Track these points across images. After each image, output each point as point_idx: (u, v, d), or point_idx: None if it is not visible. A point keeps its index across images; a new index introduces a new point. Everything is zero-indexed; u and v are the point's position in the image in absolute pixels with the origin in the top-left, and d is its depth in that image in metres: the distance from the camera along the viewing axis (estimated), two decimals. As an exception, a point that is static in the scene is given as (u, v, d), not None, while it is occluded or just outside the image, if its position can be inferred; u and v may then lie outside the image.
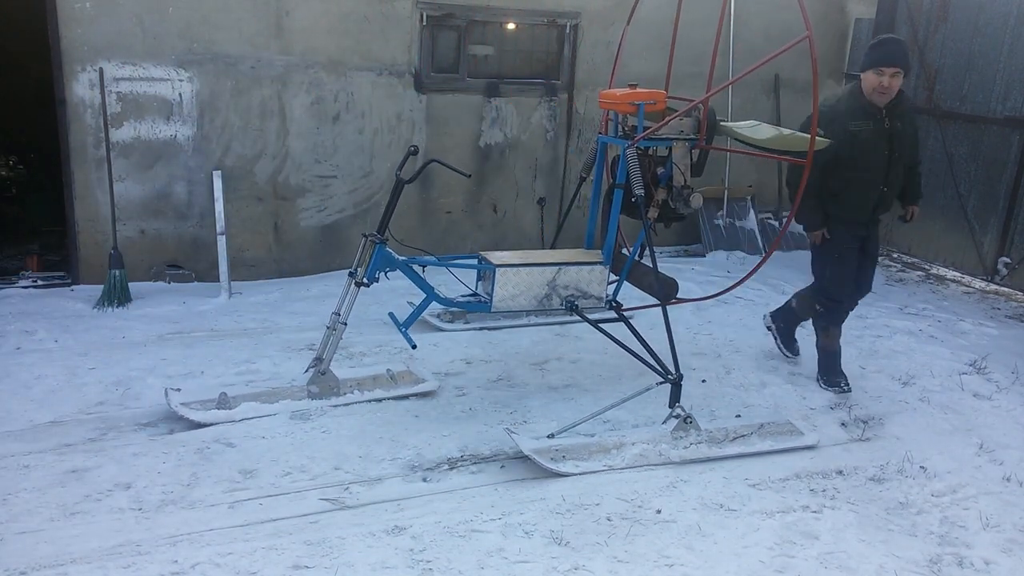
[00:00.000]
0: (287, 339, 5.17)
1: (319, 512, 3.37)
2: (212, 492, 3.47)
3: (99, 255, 5.89)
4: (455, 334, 5.39)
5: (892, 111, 4.38)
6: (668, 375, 4.14)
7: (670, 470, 3.80)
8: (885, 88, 4.28)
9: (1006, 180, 6.74)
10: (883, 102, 4.33)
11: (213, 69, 5.96)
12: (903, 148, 4.49)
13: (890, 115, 4.38)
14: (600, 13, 6.92)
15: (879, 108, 4.36)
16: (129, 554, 3.04)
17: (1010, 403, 4.69)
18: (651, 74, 6.21)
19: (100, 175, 5.83)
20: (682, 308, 5.53)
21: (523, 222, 7.20)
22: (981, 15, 6.89)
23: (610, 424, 4.18)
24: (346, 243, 6.55)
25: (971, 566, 3.23)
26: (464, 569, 3.05)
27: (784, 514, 3.51)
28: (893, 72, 4.25)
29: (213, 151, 6.09)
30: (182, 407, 4.05)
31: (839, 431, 4.30)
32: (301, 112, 6.25)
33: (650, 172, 4.51)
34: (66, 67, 5.63)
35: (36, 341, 4.99)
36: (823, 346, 4.89)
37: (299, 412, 4.14)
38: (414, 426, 4.12)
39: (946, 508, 3.61)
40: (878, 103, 4.34)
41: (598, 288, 4.54)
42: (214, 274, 6.03)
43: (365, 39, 6.31)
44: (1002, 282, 6.83)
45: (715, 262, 7.33)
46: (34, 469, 3.57)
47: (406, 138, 6.58)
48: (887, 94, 4.30)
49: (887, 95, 4.31)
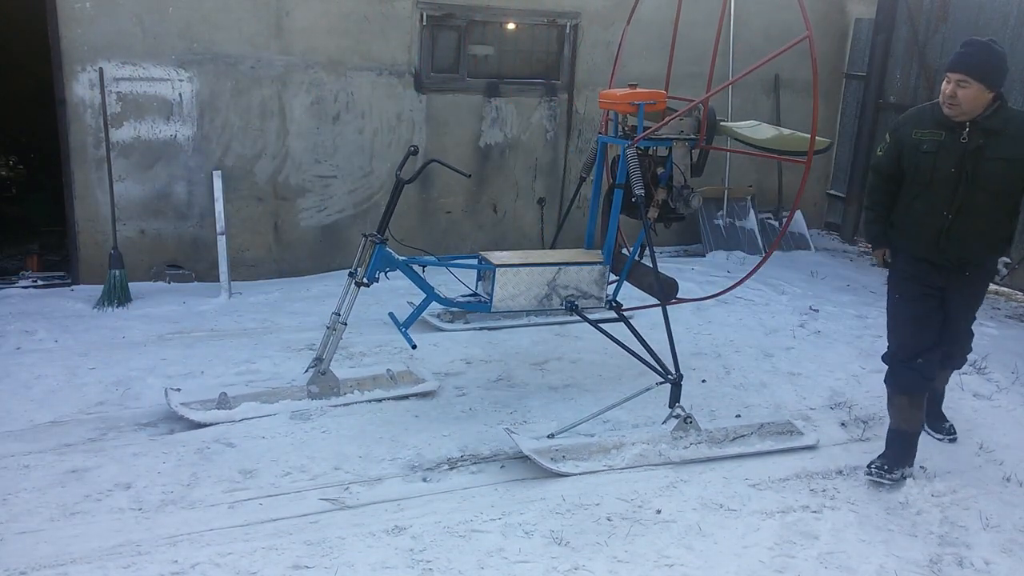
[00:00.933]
0: (287, 339, 5.17)
1: (319, 512, 3.37)
2: (212, 492, 3.47)
3: (99, 255, 5.89)
4: (455, 334, 5.39)
5: (980, 127, 3.55)
6: (668, 375, 4.14)
7: (670, 470, 3.80)
8: (948, 96, 3.55)
9: (1006, 180, 6.73)
10: (952, 114, 3.57)
11: (213, 69, 5.96)
12: (986, 174, 3.57)
13: (976, 131, 3.56)
14: (600, 13, 6.92)
15: (956, 121, 3.59)
16: (129, 554, 3.04)
17: (1010, 403, 4.69)
18: (651, 74, 6.22)
19: (100, 175, 5.83)
20: (682, 308, 5.53)
21: (523, 222, 7.20)
22: (981, 15, 6.89)
23: (610, 424, 4.18)
24: (346, 243, 6.55)
25: (971, 566, 3.23)
26: (464, 569, 3.05)
27: (784, 514, 3.51)
28: (959, 79, 3.51)
29: (213, 151, 6.09)
30: (182, 407, 4.05)
31: (839, 431, 4.30)
32: (301, 112, 6.25)
33: (650, 172, 4.52)
34: (66, 67, 5.63)
35: (36, 341, 4.99)
36: (890, 424, 3.92)
37: (299, 412, 4.14)
38: (414, 426, 4.12)
39: (946, 508, 3.60)
40: (950, 114, 3.59)
41: (598, 288, 4.54)
42: (214, 274, 6.03)
43: (365, 39, 6.31)
44: (1002, 282, 6.82)
45: (715, 262, 7.33)
46: (34, 469, 3.57)
47: (406, 138, 6.58)
48: (951, 105, 3.55)
49: (952, 106, 3.55)
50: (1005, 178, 3.59)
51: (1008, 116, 3.59)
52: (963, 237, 3.67)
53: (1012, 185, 3.63)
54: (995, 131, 3.56)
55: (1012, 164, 3.57)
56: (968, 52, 3.54)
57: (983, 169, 3.57)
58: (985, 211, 3.65)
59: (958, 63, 3.52)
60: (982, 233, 3.69)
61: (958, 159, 3.59)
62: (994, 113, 3.56)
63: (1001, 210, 3.67)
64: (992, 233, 3.72)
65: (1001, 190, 3.62)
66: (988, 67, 3.50)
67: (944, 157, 3.62)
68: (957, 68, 3.51)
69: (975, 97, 3.50)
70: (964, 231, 3.66)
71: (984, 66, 3.50)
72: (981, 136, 3.56)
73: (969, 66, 3.49)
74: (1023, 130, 3.57)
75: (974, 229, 3.66)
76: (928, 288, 3.78)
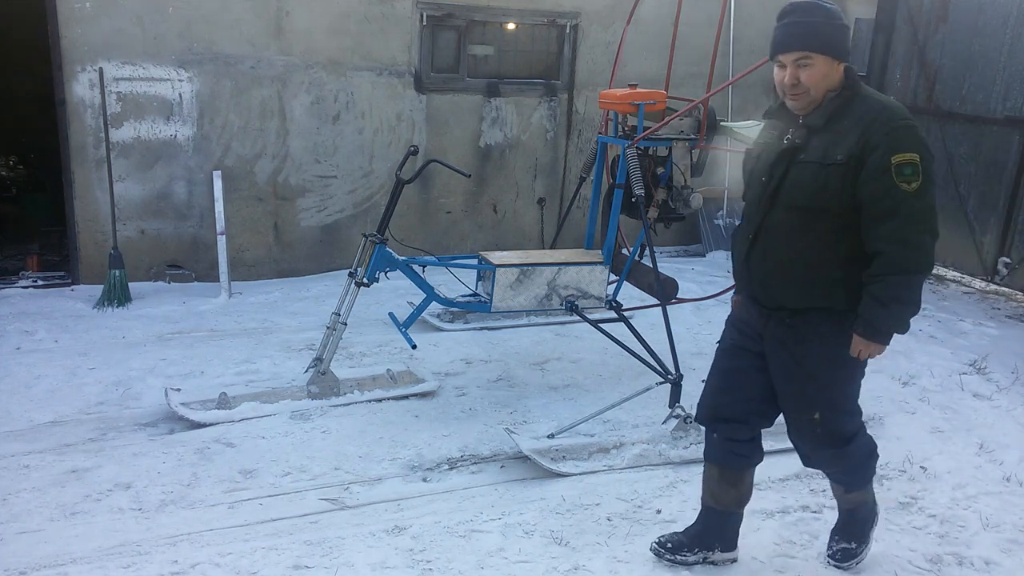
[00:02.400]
0: (287, 339, 5.17)
1: (319, 512, 3.37)
2: (212, 492, 3.47)
3: (99, 255, 5.89)
4: (455, 334, 5.38)
5: (807, 121, 2.64)
6: (668, 375, 4.14)
7: (670, 470, 3.80)
8: (789, 87, 2.62)
9: (1006, 180, 6.74)
10: (799, 106, 2.64)
11: (213, 69, 5.96)
12: (791, 184, 2.63)
13: (803, 126, 2.66)
14: (600, 13, 6.92)
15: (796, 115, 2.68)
16: (129, 554, 3.04)
17: (1010, 403, 4.68)
18: (651, 74, 6.22)
19: (100, 175, 5.83)
20: (682, 308, 5.53)
21: (523, 222, 7.20)
22: (981, 15, 6.89)
23: (610, 424, 4.17)
24: (346, 243, 6.56)
25: (971, 566, 3.23)
26: (464, 569, 3.05)
27: (784, 514, 3.50)
28: (797, 58, 2.58)
29: (213, 151, 6.09)
30: (182, 407, 4.05)
31: (839, 431, 4.30)
32: (301, 112, 6.25)
33: (650, 172, 4.52)
34: (66, 67, 5.63)
35: (36, 341, 4.99)
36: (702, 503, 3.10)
37: (299, 412, 4.14)
38: (414, 426, 4.12)
39: (946, 508, 3.60)
40: (795, 108, 2.66)
41: (598, 288, 4.54)
42: (214, 274, 6.03)
43: (365, 39, 6.31)
44: (1002, 282, 6.82)
45: (715, 262, 7.33)
46: (34, 469, 3.57)
47: (406, 138, 6.58)
48: (795, 96, 2.62)
49: (796, 97, 2.62)
50: (812, 190, 2.59)
51: (847, 103, 2.61)
52: (766, 269, 2.74)
53: (822, 200, 2.58)
54: (820, 126, 2.62)
55: (822, 171, 2.57)
56: (798, 21, 2.58)
57: (789, 177, 2.65)
58: (786, 234, 2.67)
59: (789, 38, 2.59)
60: (788, 265, 2.68)
61: (771, 164, 2.71)
62: (838, 96, 2.62)
63: (815, 236, 2.62)
64: (807, 269, 2.65)
65: (809, 207, 2.61)
66: (830, 29, 2.58)
67: (762, 162, 2.76)
68: (792, 45, 2.58)
69: (825, 75, 2.59)
70: (765, 261, 2.74)
71: (824, 30, 2.57)
72: (804, 133, 2.65)
73: (806, 37, 2.57)
74: (860, 122, 2.55)
75: (776, 258, 2.70)
76: (745, 337, 2.87)
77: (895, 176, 2.50)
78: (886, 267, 2.55)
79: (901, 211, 2.51)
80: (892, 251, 2.53)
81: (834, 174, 2.56)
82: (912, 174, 2.51)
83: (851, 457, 2.90)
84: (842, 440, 2.84)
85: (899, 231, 2.52)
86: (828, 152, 2.58)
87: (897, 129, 2.53)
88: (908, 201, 2.51)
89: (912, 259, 2.55)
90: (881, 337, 2.61)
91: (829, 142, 2.59)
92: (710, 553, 3.08)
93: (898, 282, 2.55)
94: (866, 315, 2.60)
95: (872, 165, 2.52)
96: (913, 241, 2.54)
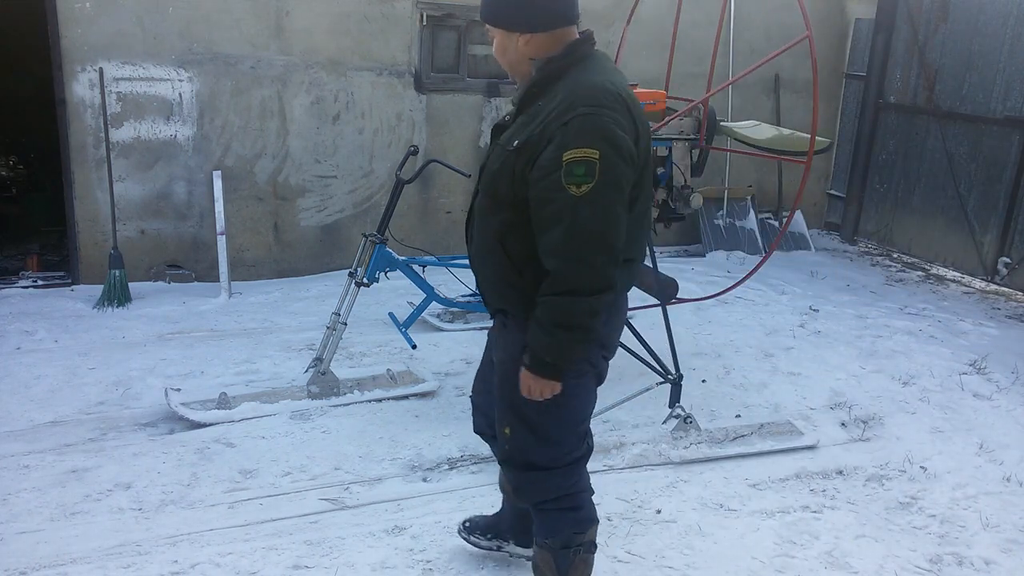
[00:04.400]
0: (287, 339, 5.17)
1: (319, 512, 3.37)
2: (212, 492, 3.47)
3: (99, 255, 5.89)
4: (455, 334, 5.38)
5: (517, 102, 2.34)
6: (668, 375, 4.14)
7: (670, 470, 3.80)
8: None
9: (1006, 180, 6.75)
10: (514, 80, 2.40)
11: (213, 69, 5.96)
12: (487, 167, 2.35)
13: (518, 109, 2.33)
14: (600, 13, 6.91)
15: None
16: (129, 554, 3.04)
17: (1010, 403, 4.68)
18: (651, 74, 6.21)
19: (100, 175, 5.83)
20: (682, 308, 5.53)
21: (523, 222, 7.19)
22: (981, 15, 6.89)
23: (610, 424, 4.18)
24: (346, 243, 6.56)
25: (971, 566, 3.23)
26: (464, 569, 3.05)
27: (784, 514, 3.51)
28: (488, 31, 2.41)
29: (213, 151, 6.09)
30: (182, 407, 4.05)
31: (839, 431, 4.30)
32: (301, 112, 6.25)
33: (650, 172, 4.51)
34: (66, 67, 5.63)
35: (36, 341, 4.99)
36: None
37: (299, 412, 4.14)
38: (414, 426, 4.12)
39: (946, 508, 3.60)
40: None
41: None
42: (214, 274, 6.03)
43: (365, 39, 6.31)
44: (1002, 282, 6.83)
45: (715, 262, 7.33)
46: (34, 469, 3.57)
47: (406, 138, 6.58)
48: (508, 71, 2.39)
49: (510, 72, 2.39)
50: (491, 174, 2.29)
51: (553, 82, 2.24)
52: (472, 253, 2.49)
53: (499, 187, 2.25)
54: (517, 105, 2.33)
55: (501, 155, 2.25)
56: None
57: (486, 165, 2.36)
58: (480, 219, 2.38)
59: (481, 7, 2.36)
60: (479, 253, 2.42)
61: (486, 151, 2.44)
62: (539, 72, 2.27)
63: (496, 228, 2.29)
64: (490, 262, 2.37)
65: (489, 193, 2.30)
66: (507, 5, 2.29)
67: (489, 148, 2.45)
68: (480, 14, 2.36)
69: (504, 48, 2.33)
70: (471, 244, 2.48)
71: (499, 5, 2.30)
72: (514, 111, 2.36)
73: (482, 7, 2.34)
74: (547, 108, 2.18)
75: (475, 244, 2.43)
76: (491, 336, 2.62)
77: (564, 176, 2.08)
78: (550, 285, 2.15)
79: (565, 218, 2.09)
80: (557, 266, 2.13)
81: (508, 161, 2.21)
82: (584, 174, 2.07)
83: (531, 490, 2.49)
84: (523, 464, 2.45)
85: (564, 243, 2.11)
86: (513, 135, 2.24)
87: (575, 119, 2.09)
88: (575, 207, 2.08)
89: (577, 278, 2.12)
90: (547, 371, 2.21)
91: (521, 124, 2.24)
92: (504, 544, 3.00)
93: (562, 304, 2.14)
94: (531, 343, 2.22)
95: (543, 161, 2.12)
96: (578, 255, 2.11)
